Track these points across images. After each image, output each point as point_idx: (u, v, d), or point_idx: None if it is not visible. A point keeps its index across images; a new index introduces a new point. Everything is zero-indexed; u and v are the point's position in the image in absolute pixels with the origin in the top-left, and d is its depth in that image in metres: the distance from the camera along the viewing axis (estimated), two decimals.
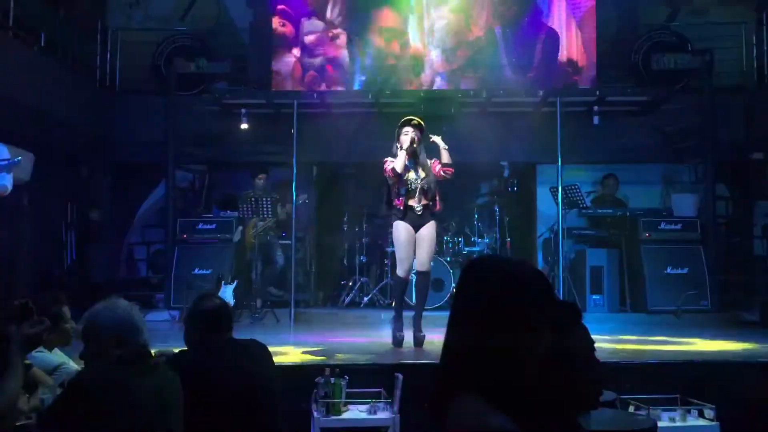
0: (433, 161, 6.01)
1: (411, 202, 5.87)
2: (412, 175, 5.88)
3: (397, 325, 5.93)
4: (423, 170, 5.91)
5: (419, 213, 5.86)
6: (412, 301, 7.98)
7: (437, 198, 5.98)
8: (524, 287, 1.49)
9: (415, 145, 5.82)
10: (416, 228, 5.89)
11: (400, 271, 5.92)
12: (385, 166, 5.89)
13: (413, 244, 5.89)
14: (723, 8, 9.74)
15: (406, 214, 5.88)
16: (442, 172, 5.98)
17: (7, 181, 6.06)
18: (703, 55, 8.79)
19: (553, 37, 9.19)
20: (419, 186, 5.86)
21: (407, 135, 5.84)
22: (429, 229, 5.90)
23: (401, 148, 5.83)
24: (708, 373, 4.89)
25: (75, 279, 8.93)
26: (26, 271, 7.98)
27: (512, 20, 9.20)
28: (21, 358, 2.57)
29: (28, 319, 2.76)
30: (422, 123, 5.96)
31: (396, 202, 5.93)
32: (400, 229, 5.88)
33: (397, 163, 5.78)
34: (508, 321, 1.46)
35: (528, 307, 1.47)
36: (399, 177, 5.81)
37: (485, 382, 1.43)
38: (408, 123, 5.92)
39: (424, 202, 5.88)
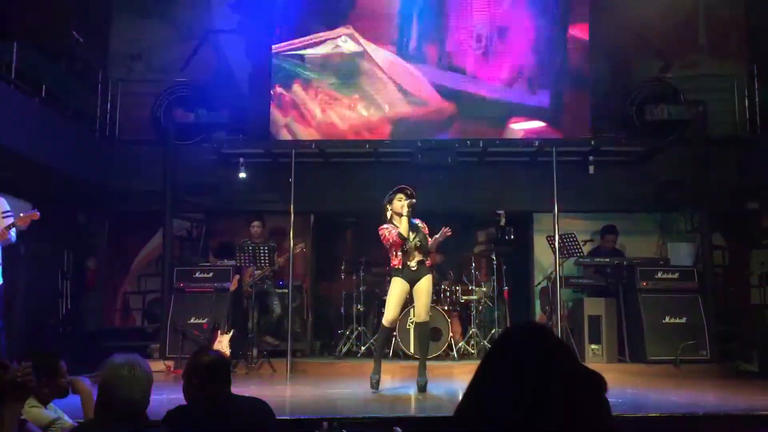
0: (423, 225, 6.48)
1: (408, 261, 6.33)
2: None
3: (375, 368, 6.38)
4: (414, 231, 6.36)
5: (414, 269, 6.32)
6: (409, 350, 8.05)
7: (429, 254, 6.44)
8: (557, 358, 1.51)
9: (412, 212, 6.30)
10: (413, 282, 6.34)
11: (385, 321, 6.36)
12: (384, 232, 6.34)
13: (404, 298, 6.40)
14: (714, 61, 9.92)
15: (403, 271, 6.34)
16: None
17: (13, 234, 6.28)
18: (696, 106, 8.90)
19: None
20: (413, 245, 6.32)
21: (401, 202, 6.30)
22: (426, 282, 6.36)
23: (397, 214, 6.32)
24: (709, 426, 4.85)
25: (70, 329, 8.87)
26: (22, 321, 7.94)
27: None
28: (11, 411, 2.55)
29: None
30: (412, 192, 6.39)
31: (394, 261, 6.39)
32: (396, 283, 6.37)
33: (402, 228, 6.25)
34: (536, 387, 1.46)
35: (556, 377, 1.48)
36: (405, 240, 6.26)
37: None
38: (401, 191, 6.37)
39: (418, 258, 6.34)
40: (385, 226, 6.36)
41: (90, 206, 9.34)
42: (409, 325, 8.17)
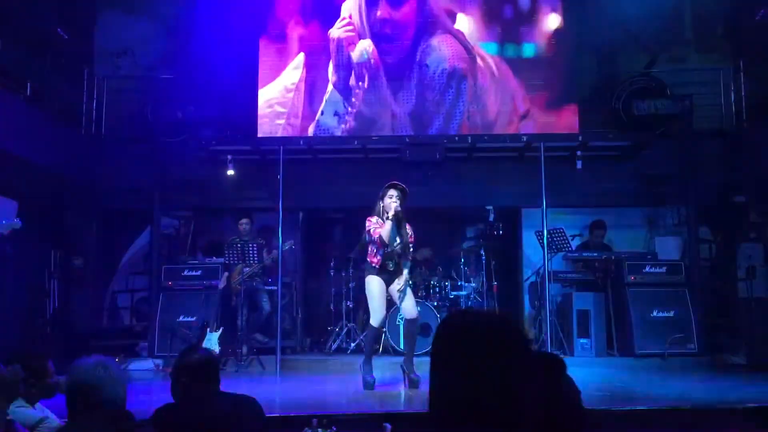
0: (410, 233, 6.39)
1: (386, 263, 6.27)
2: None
3: (366, 369, 6.27)
4: (400, 237, 6.28)
5: (392, 270, 6.29)
6: (399, 346, 8.04)
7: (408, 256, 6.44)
8: (500, 343, 1.49)
9: (399, 216, 6.19)
10: (388, 282, 6.29)
11: (374, 322, 6.26)
12: (369, 226, 6.25)
13: (386, 296, 6.30)
14: (701, 55, 9.96)
15: (380, 271, 6.26)
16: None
17: None
18: (682, 100, 8.94)
19: None
20: (396, 250, 6.26)
21: (391, 199, 6.16)
22: (403, 281, 6.30)
23: (386, 213, 6.15)
24: (697, 419, 4.87)
25: (58, 328, 8.81)
26: (9, 321, 7.88)
27: None
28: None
29: None
30: (406, 189, 6.27)
31: (373, 260, 6.28)
32: (374, 282, 6.26)
33: (384, 232, 6.14)
34: (487, 376, 1.44)
35: (506, 363, 1.46)
36: (386, 245, 6.18)
37: None
38: (394, 187, 6.23)
39: (397, 261, 6.31)
40: (373, 219, 6.28)
41: (77, 204, 9.27)
42: (398, 321, 8.17)
